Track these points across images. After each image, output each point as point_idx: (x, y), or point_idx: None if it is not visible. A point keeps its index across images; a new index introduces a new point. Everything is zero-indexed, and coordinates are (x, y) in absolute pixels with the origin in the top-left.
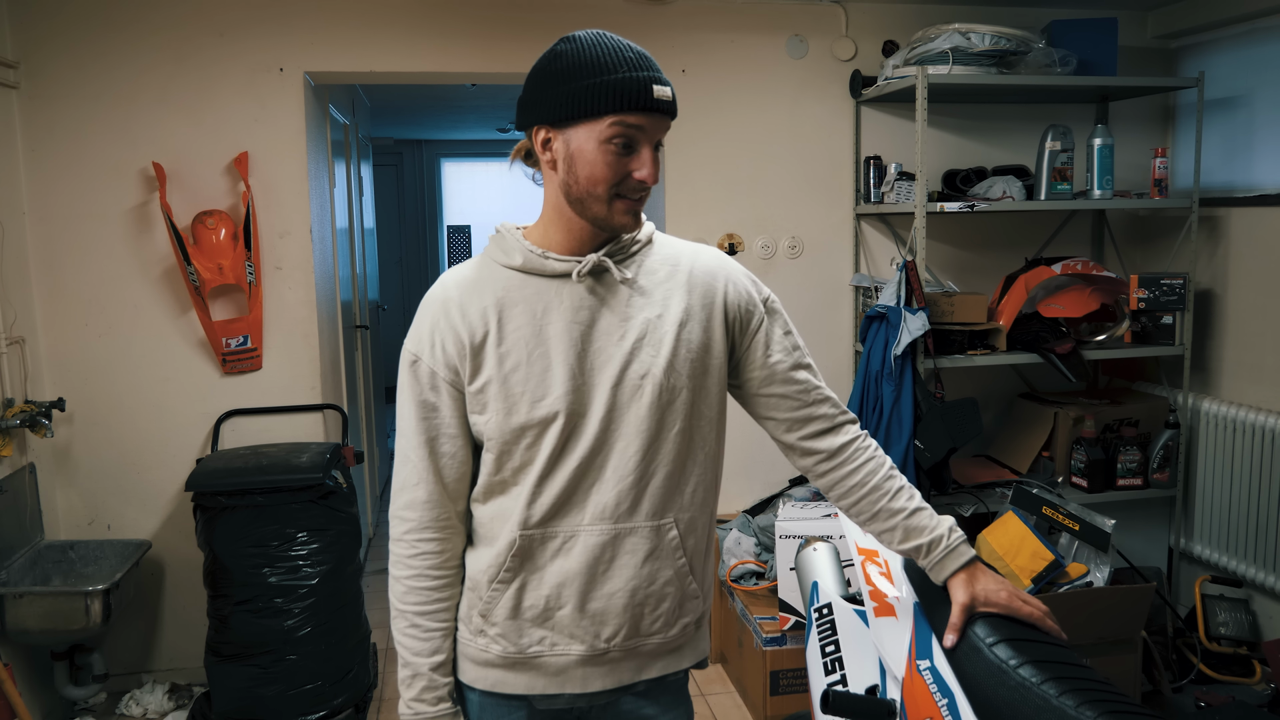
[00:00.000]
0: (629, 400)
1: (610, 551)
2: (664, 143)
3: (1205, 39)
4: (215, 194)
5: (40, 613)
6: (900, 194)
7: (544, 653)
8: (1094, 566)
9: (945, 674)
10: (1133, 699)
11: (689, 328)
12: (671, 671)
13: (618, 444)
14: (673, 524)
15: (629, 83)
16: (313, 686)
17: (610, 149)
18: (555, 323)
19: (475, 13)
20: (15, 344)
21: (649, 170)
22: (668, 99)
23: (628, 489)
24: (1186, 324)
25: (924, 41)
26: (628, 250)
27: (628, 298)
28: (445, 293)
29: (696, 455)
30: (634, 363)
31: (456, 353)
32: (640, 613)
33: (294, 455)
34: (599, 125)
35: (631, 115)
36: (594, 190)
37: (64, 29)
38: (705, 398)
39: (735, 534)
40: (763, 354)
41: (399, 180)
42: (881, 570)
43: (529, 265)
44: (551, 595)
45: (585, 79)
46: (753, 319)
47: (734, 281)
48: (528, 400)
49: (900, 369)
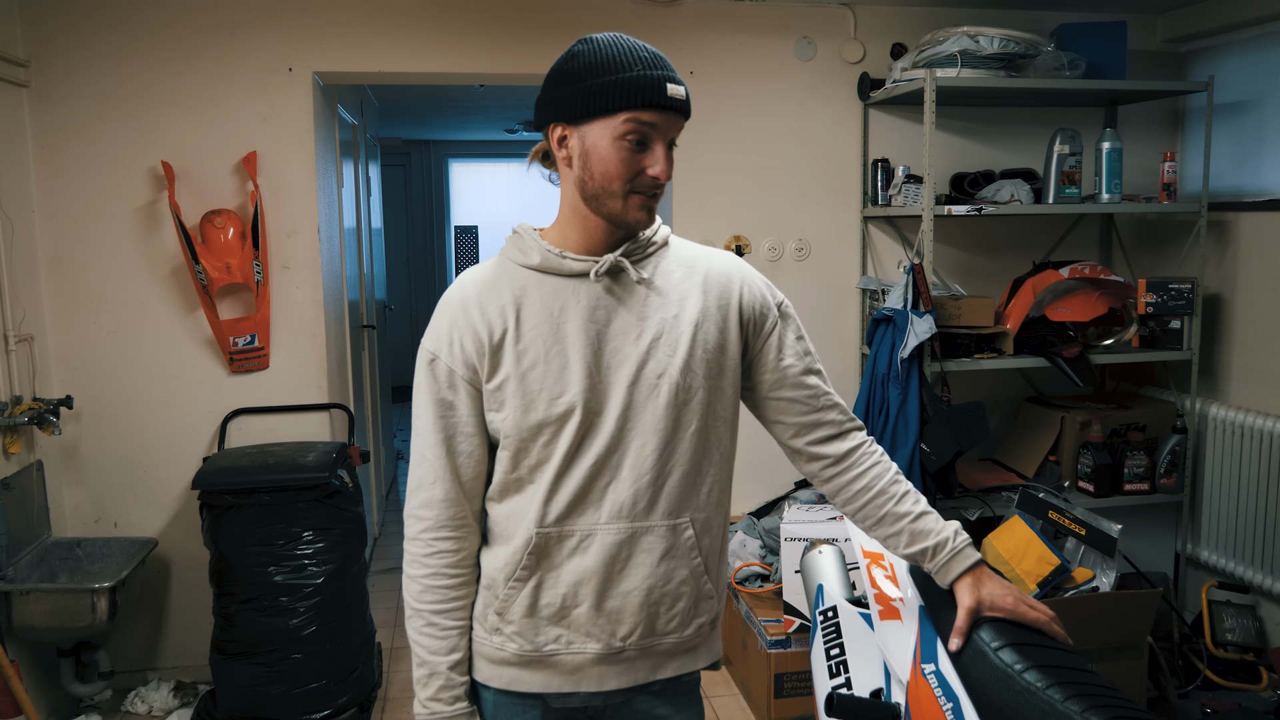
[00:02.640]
0: (646, 399)
1: (627, 550)
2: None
3: (1215, 43)
4: (224, 193)
5: (47, 609)
6: (908, 197)
7: (560, 651)
8: (1100, 571)
9: (950, 678)
10: (1138, 705)
11: (705, 328)
12: (687, 672)
13: (634, 442)
14: (689, 523)
15: (643, 80)
16: (318, 685)
17: (624, 145)
18: (572, 321)
19: (484, 14)
20: (24, 341)
21: (662, 166)
22: (681, 98)
23: (645, 487)
24: (1194, 329)
25: (932, 44)
26: (644, 251)
27: (644, 298)
28: (464, 292)
29: (713, 455)
30: (650, 362)
31: (475, 351)
32: (656, 612)
33: (300, 454)
34: (613, 122)
35: (645, 112)
36: (609, 186)
37: (74, 28)
38: (721, 398)
39: (740, 536)
40: (775, 357)
41: (407, 180)
42: (887, 573)
43: (546, 265)
44: (568, 593)
45: (601, 77)
46: (766, 321)
47: (749, 284)
48: (545, 397)
49: (907, 372)
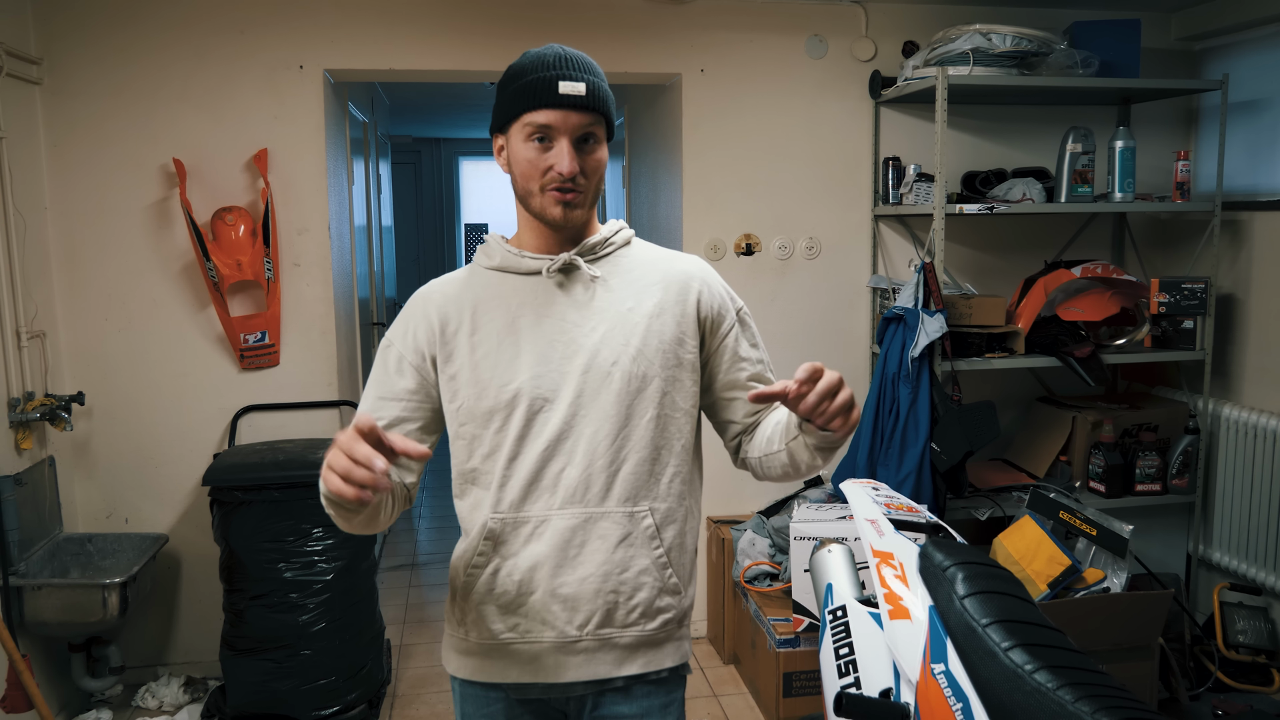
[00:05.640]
0: (598, 386)
1: (581, 535)
2: (600, 137)
3: (1230, 41)
4: (235, 190)
5: (58, 604)
6: (919, 195)
7: (516, 640)
8: (1111, 572)
9: (960, 678)
10: (1149, 706)
11: (662, 320)
12: (653, 670)
13: (587, 428)
14: (647, 512)
15: (535, 83)
16: (327, 682)
17: (532, 146)
18: (527, 315)
19: (495, 11)
20: (36, 338)
21: (564, 163)
22: (577, 94)
23: (598, 472)
24: (1207, 329)
25: (944, 42)
26: (602, 250)
27: (599, 293)
28: (428, 290)
29: (673, 445)
30: (604, 350)
31: (426, 339)
32: (614, 600)
33: (310, 451)
34: (520, 125)
35: (539, 112)
36: (528, 185)
37: (85, 25)
38: (679, 389)
39: (749, 535)
40: (730, 359)
41: (417, 178)
42: (896, 573)
43: (505, 264)
44: (524, 579)
45: (510, 85)
46: (724, 323)
47: (709, 285)
48: (495, 384)
49: (917, 371)
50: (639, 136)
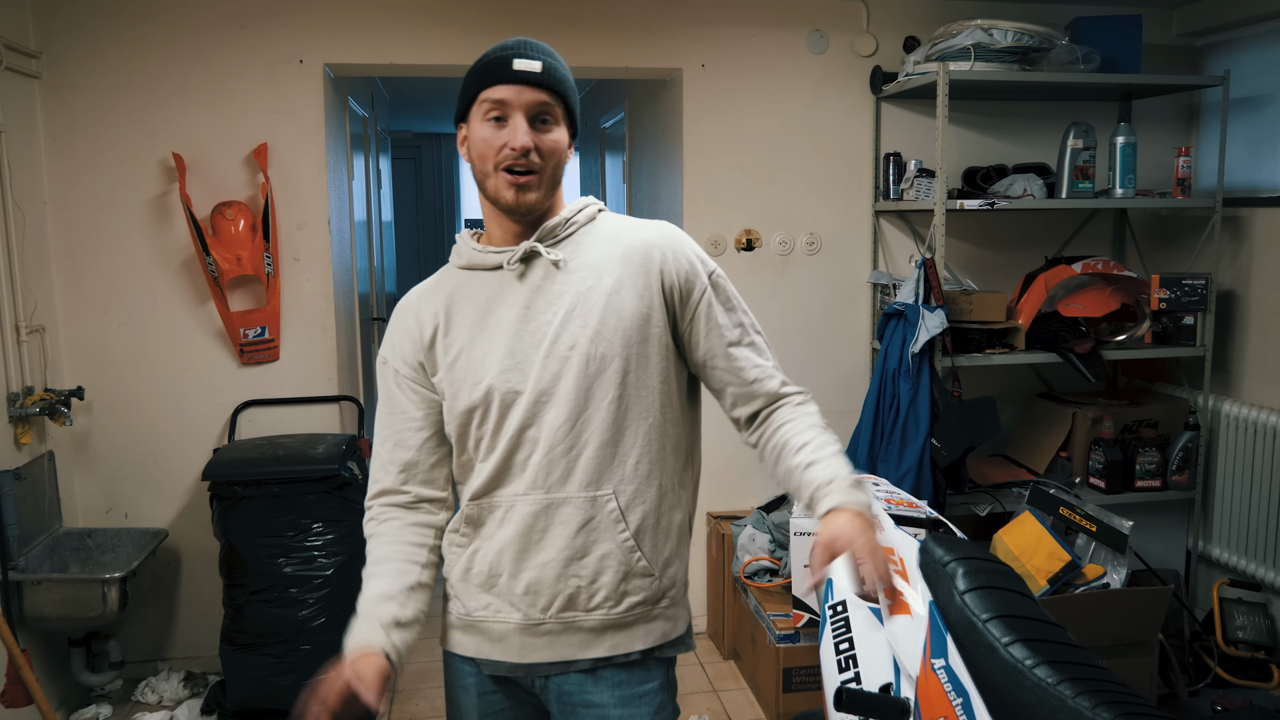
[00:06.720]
0: (558, 371)
1: (544, 521)
2: (557, 118)
3: (1231, 37)
4: (234, 185)
5: (58, 599)
6: (920, 191)
7: (488, 619)
8: (1111, 568)
9: (960, 673)
10: (1149, 702)
11: (621, 296)
12: (620, 653)
13: (549, 415)
14: (611, 496)
15: (492, 62)
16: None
17: (488, 125)
18: (497, 310)
19: (495, 6)
20: (35, 332)
21: (517, 138)
22: (532, 70)
23: (559, 457)
24: (1208, 325)
25: (946, 37)
26: (564, 232)
27: (561, 277)
28: (407, 301)
29: (637, 426)
30: (564, 335)
31: (412, 351)
32: (576, 586)
33: (310, 446)
34: (477, 107)
35: (495, 88)
36: (484, 167)
37: (85, 20)
38: (645, 366)
39: (749, 531)
40: (705, 327)
41: (417, 173)
42: (897, 568)
43: (472, 262)
44: (495, 562)
45: (470, 72)
46: (694, 291)
47: (675, 252)
48: (469, 383)
49: (918, 367)
50: (640, 132)
